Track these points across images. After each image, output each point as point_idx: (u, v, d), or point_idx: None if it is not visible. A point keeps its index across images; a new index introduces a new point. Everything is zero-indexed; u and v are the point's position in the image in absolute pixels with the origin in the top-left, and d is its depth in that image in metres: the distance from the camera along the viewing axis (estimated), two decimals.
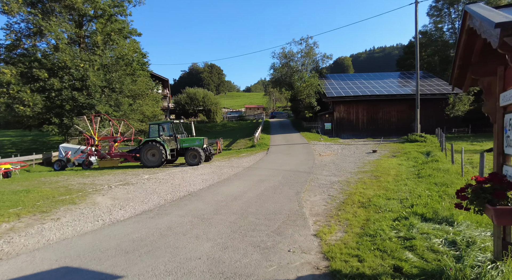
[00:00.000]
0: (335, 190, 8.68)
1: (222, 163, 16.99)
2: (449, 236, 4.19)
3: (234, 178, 11.58)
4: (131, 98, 30.91)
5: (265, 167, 14.48)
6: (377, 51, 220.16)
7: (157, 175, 13.53)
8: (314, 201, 7.40)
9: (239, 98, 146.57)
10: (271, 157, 18.45)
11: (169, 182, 11.61)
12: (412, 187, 8.32)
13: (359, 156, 17.55)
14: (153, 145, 17.09)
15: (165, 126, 17.94)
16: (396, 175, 10.74)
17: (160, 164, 17.08)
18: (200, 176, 12.78)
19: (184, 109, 58.13)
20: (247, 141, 28.95)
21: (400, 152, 18.35)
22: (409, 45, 48.38)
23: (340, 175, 11.45)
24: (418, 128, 24.79)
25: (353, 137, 32.16)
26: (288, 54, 38.64)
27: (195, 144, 17.54)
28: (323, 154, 19.20)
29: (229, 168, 14.72)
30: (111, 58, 27.33)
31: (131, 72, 31.08)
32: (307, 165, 14.63)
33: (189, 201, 7.96)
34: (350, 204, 6.81)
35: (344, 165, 14.21)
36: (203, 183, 10.97)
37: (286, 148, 22.43)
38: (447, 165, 11.96)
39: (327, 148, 22.10)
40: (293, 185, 9.49)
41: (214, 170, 14.51)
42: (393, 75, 40.63)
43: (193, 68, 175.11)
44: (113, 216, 6.95)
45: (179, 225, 5.88)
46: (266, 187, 9.42)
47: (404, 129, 32.52)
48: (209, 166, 16.02)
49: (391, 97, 32.21)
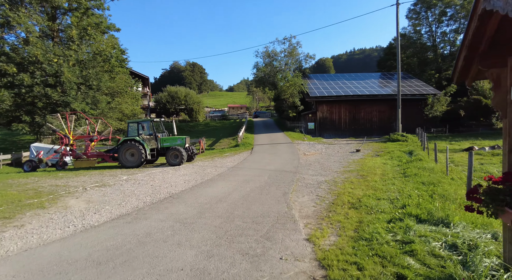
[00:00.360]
0: (323, 190, 8.42)
1: (205, 163, 16.47)
2: (448, 239, 3.97)
3: (218, 179, 11.13)
4: (110, 96, 29.64)
5: (250, 167, 14.10)
6: (357, 53, 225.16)
7: (136, 176, 12.84)
8: (302, 202, 7.09)
9: (221, 98, 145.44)
10: (256, 156, 18.10)
11: (149, 183, 11.00)
12: (401, 187, 8.20)
13: (343, 155, 17.52)
14: (132, 145, 16.32)
15: (144, 124, 17.20)
16: (383, 174, 10.66)
17: (139, 164, 16.33)
18: (182, 176, 12.23)
19: (165, 108, 56.73)
20: (231, 140, 28.47)
21: (383, 151, 18.50)
22: (389, 46, 49.51)
23: (326, 175, 11.25)
24: (399, 128, 25.21)
25: (336, 136, 32.38)
26: (271, 53, 38.44)
27: (176, 143, 16.90)
28: (307, 154, 19.05)
29: (213, 168, 14.23)
30: (88, 54, 26.02)
31: (109, 69, 29.81)
32: (293, 164, 14.38)
33: (170, 204, 7.45)
34: (341, 205, 6.56)
35: (329, 165, 14.07)
36: (185, 184, 10.45)
37: (271, 147, 22.15)
38: (431, 164, 12.05)
39: (311, 148, 22.01)
40: (280, 186, 9.17)
41: (196, 170, 13.97)
42: (374, 76, 41.34)
43: (174, 67, 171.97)
44: (86, 221, 6.34)
45: (159, 230, 5.39)
46: (252, 187, 9.04)
47: (385, 129, 33.11)
48: (191, 166, 15.46)
49: (372, 97, 32.69)
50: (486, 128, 32.61)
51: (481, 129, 32.39)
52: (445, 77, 38.64)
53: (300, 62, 39.33)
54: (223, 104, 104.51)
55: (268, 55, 38.70)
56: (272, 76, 39.00)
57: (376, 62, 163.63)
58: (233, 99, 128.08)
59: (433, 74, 39.04)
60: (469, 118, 33.22)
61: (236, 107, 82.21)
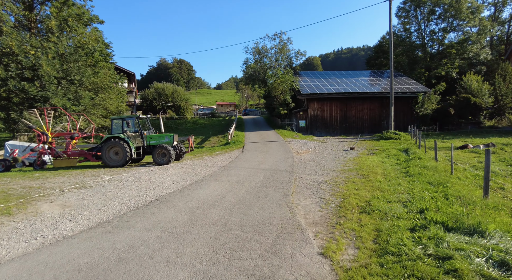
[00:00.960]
0: (325, 191, 7.76)
1: (195, 162, 15.59)
2: (493, 254, 3.34)
3: (210, 179, 10.32)
4: (93, 91, 28.19)
5: (243, 166, 13.33)
6: (344, 52, 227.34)
7: (120, 176, 11.87)
8: (306, 206, 6.39)
9: (210, 95, 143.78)
10: (248, 155, 17.34)
11: (134, 184, 10.08)
12: (408, 187, 7.62)
13: (337, 154, 16.99)
14: (116, 143, 15.27)
15: (129, 121, 16.14)
16: (384, 174, 10.10)
17: (124, 163, 15.32)
18: (170, 177, 11.35)
19: (151, 105, 55.18)
20: (221, 138, 27.60)
21: (378, 150, 18.08)
22: (379, 44, 49.51)
23: (324, 174, 10.61)
24: (392, 126, 24.95)
25: (327, 134, 31.99)
26: (261, 50, 37.64)
27: (164, 141, 15.95)
28: (300, 152, 18.44)
29: (203, 168, 13.39)
30: (69, 47, 24.54)
31: (92, 63, 28.32)
32: (287, 163, 13.71)
33: (157, 209, 6.61)
34: (349, 209, 5.89)
35: (325, 163, 13.47)
36: (173, 185, 9.59)
37: (262, 145, 21.43)
38: (432, 163, 11.60)
39: (304, 146, 21.42)
40: (278, 187, 8.45)
41: (186, 169, 13.10)
42: (364, 73, 41.19)
43: (161, 64, 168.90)
44: (58, 230, 5.45)
45: (144, 243, 4.58)
46: (248, 189, 8.28)
47: (375, 126, 32.94)
48: (180, 166, 14.56)
49: (364, 95, 32.41)
50: (475, 127, 32.88)
51: (470, 127, 32.62)
52: (435, 75, 38.80)
53: (291, 59, 38.72)
54: (212, 101, 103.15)
55: (258, 52, 37.89)
56: (262, 73, 38.24)
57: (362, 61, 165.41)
58: (222, 96, 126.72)
59: (422, 72, 39.15)
60: (458, 116, 33.41)
61: (225, 105, 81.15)
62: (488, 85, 34.33)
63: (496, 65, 39.22)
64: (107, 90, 30.17)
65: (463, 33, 40.06)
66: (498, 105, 35.14)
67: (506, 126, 33.02)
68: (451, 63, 38.43)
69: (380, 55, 47.92)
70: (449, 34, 41.42)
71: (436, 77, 38.77)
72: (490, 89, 34.18)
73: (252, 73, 38.33)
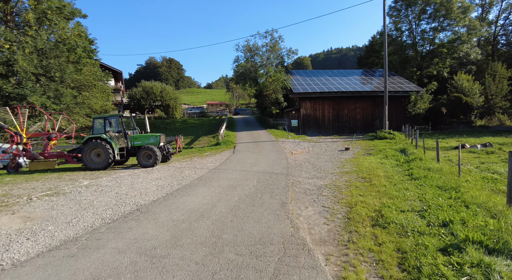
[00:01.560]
0: (327, 198, 6.95)
1: (183, 164, 14.60)
2: None
3: (198, 184, 9.39)
4: (76, 89, 26.76)
5: (234, 168, 12.44)
6: (334, 52, 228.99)
7: (100, 181, 10.82)
8: (309, 217, 5.56)
9: (199, 94, 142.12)
10: (239, 156, 16.45)
11: (114, 190, 9.07)
12: (418, 193, 6.89)
13: (333, 154, 16.28)
14: (98, 143, 14.18)
15: (112, 120, 15.04)
16: (387, 177, 9.38)
17: (106, 165, 14.22)
18: (155, 181, 10.36)
19: (139, 104, 53.52)
20: (211, 138, 26.60)
21: (374, 150, 17.46)
22: (371, 44, 49.25)
23: (323, 177, 9.83)
24: (386, 125, 24.46)
25: (319, 134, 31.40)
26: (252, 48, 36.75)
27: (149, 141, 14.92)
28: (294, 152, 17.67)
29: (192, 170, 12.43)
30: (49, 42, 23.10)
31: (75, 60, 26.89)
32: (281, 165, 12.89)
33: (135, 222, 5.66)
34: (360, 221, 5.09)
35: (322, 165, 12.71)
36: (158, 191, 8.63)
37: (254, 146, 20.57)
38: (434, 164, 10.97)
39: (297, 146, 20.67)
40: (274, 192, 7.60)
41: (173, 173, 12.12)
42: (356, 73, 40.80)
43: (150, 62, 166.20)
44: (9, 254, 4.45)
45: (114, 272, 3.65)
46: (241, 195, 7.41)
47: (368, 126, 32.53)
48: (167, 168, 13.56)
49: (357, 94, 31.92)
50: (466, 126, 32.86)
51: (461, 126, 32.57)
52: (426, 74, 38.70)
53: (283, 57, 37.97)
54: (202, 101, 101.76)
55: (249, 49, 36.99)
56: (253, 72, 37.39)
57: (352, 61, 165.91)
58: (212, 96, 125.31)
59: (414, 71, 39.02)
60: (450, 116, 33.33)
61: (215, 104, 79.96)
62: (478, 85, 34.39)
63: (486, 65, 39.49)
64: (91, 88, 28.74)
65: (454, 33, 40.11)
66: (488, 105, 35.27)
67: (497, 125, 33.12)
68: (442, 63, 38.42)
69: (371, 54, 47.70)
70: (440, 33, 41.47)
71: (428, 76, 38.69)
72: (480, 89, 34.24)
73: (243, 72, 37.44)
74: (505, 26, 52.30)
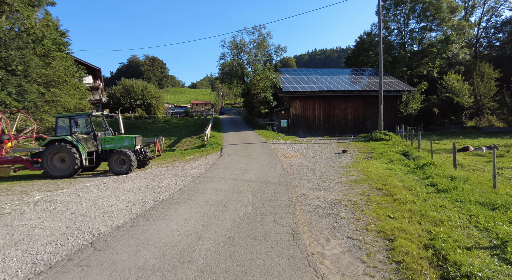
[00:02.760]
0: (348, 222, 5.31)
1: (162, 171, 12.66)
2: None
3: (179, 199, 7.55)
4: (44, 85, 24.11)
5: (223, 176, 10.64)
6: (318, 53, 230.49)
7: (57, 194, 8.77)
8: (338, 261, 3.88)
9: (183, 94, 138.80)
10: (227, 160, 14.65)
11: (71, 208, 7.11)
12: (463, 214, 5.36)
13: (330, 158, 14.78)
14: (62, 147, 12.08)
15: (79, 119, 12.93)
16: (407, 188, 7.86)
17: (72, 173, 12.14)
18: (126, 194, 8.43)
19: (119, 103, 50.54)
20: (195, 140, 24.61)
21: (374, 153, 16.08)
22: (360, 42, 48.20)
23: (330, 189, 8.21)
24: (381, 126, 23.30)
25: (310, 135, 30.01)
26: (239, 44, 34.95)
27: (123, 144, 12.90)
28: (288, 156, 16.05)
29: (172, 179, 10.53)
30: (9, 31, 20.43)
31: (43, 53, 24.27)
32: (277, 171, 11.21)
33: (81, 272, 3.79)
34: (418, 270, 3.45)
35: (323, 171, 11.13)
36: (126, 210, 6.74)
37: (243, 148, 18.80)
38: (454, 171, 9.59)
39: (289, 148, 19.08)
40: (278, 214, 5.89)
41: (149, 182, 10.19)
42: (346, 72, 39.78)
43: (132, 61, 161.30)
44: None
45: None
46: (235, 219, 5.64)
47: (359, 126, 31.43)
48: (143, 176, 11.59)
49: (348, 93, 30.72)
50: (457, 127, 32.35)
51: (453, 127, 32.02)
52: (417, 74, 38.11)
53: (271, 54, 36.33)
54: (186, 100, 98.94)
55: (236, 46, 35.16)
56: (240, 69, 35.61)
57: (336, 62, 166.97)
58: (196, 95, 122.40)
59: (405, 71, 38.32)
60: (441, 116, 32.72)
61: (200, 103, 77.57)
62: (468, 85, 34.01)
63: (473, 65, 39.33)
64: (63, 85, 26.08)
65: (443, 33, 39.72)
66: (477, 105, 34.97)
67: (487, 126, 32.81)
68: (432, 62, 37.91)
69: (361, 53, 46.79)
70: (429, 33, 41.02)
71: (418, 76, 38.10)
72: (470, 89, 33.86)
73: (229, 69, 35.58)
74: (487, 28, 52.92)
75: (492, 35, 53.69)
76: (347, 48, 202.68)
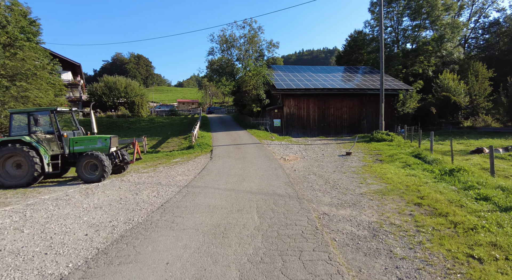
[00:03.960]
0: (415, 267, 3.53)
1: (143, 177, 10.59)
2: None
3: (160, 222, 5.58)
4: (9, 79, 21.44)
5: (216, 185, 8.71)
6: (306, 54, 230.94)
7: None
8: None
9: (170, 93, 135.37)
10: (219, 164, 12.71)
11: (4, 240, 5.03)
12: None
13: (335, 161, 13.09)
14: (17, 149, 9.88)
15: (40, 116, 10.68)
16: (454, 203, 6.16)
17: (30, 181, 9.95)
18: (91, 213, 6.39)
19: (101, 101, 47.59)
20: (182, 140, 22.47)
21: (382, 155, 14.48)
22: (353, 39, 46.81)
23: (357, 204, 6.43)
24: (382, 126, 21.83)
25: (304, 135, 28.40)
26: (229, 38, 32.94)
27: (95, 146, 10.76)
28: (287, 158, 14.26)
29: (153, 189, 8.51)
30: None
31: (8, 42, 21.60)
32: (280, 178, 9.38)
33: None
34: None
35: (334, 178, 9.38)
36: (84, 243, 4.74)
37: (236, 149, 16.89)
38: (493, 178, 8.02)
39: (287, 150, 17.30)
40: (305, 252, 4.04)
41: (124, 193, 8.14)
42: (339, 69, 38.42)
43: (117, 58, 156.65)
44: None
45: None
46: (241, 263, 3.76)
47: (355, 126, 30.07)
48: (118, 184, 9.51)
49: (344, 91, 29.27)
50: (454, 127, 31.46)
51: (450, 127, 31.09)
52: (412, 73, 37.14)
53: (262, 50, 34.54)
54: (172, 99, 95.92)
55: (225, 41, 33.14)
56: (230, 66, 33.62)
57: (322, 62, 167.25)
58: (183, 94, 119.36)
59: (400, 69, 37.29)
60: (438, 116, 31.74)
61: (187, 102, 74.98)
62: (464, 84, 33.23)
63: (467, 65, 38.74)
64: (32, 78, 23.40)
65: (437, 31, 38.91)
66: (472, 105, 34.27)
67: (483, 126, 32.05)
68: (427, 61, 37.02)
69: (354, 51, 45.53)
70: (423, 31, 40.20)
71: (413, 74, 37.14)
72: (465, 88, 33.09)
73: (218, 65, 33.52)
74: (475, 29, 52.91)
75: (480, 36, 53.76)
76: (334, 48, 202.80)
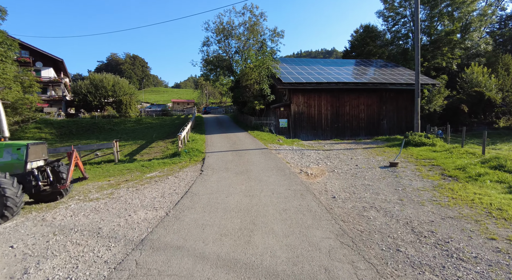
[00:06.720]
0: None
1: (80, 214, 6.14)
2: None
3: None
4: None
5: (201, 242, 4.30)
6: (304, 55, 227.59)
7: None
8: None
9: (166, 94, 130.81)
10: (212, 183, 8.32)
11: None
12: None
13: (383, 177, 8.80)
14: None
15: None
16: None
17: None
18: None
19: (86, 100, 43.07)
20: (168, 144, 18.06)
21: (441, 166, 10.15)
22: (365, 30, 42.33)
23: None
24: (418, 126, 17.51)
25: (315, 137, 24.12)
26: (226, 26, 28.56)
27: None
28: (310, 173, 9.94)
29: (77, 251, 4.08)
30: None
31: None
32: (318, 220, 5.00)
33: None
34: None
35: (417, 218, 5.03)
36: None
37: (236, 158, 12.49)
38: None
39: (303, 158, 12.97)
40: None
41: (15, 261, 3.70)
42: (351, 62, 34.15)
43: (112, 59, 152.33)
44: None
45: None
46: None
47: (373, 127, 25.72)
48: (22, 234, 5.07)
49: (362, 85, 24.97)
50: (489, 127, 27.21)
51: (484, 128, 26.79)
52: (434, 66, 32.87)
53: (265, 40, 30.11)
54: (167, 99, 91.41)
55: (222, 29, 28.76)
56: (228, 58, 29.23)
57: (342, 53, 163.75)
58: (179, 95, 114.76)
59: (421, 62, 33.01)
60: (469, 115, 27.48)
61: (182, 102, 70.51)
62: (495, 79, 29.07)
63: (495, 57, 34.58)
64: None
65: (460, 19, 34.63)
66: (505, 102, 30.08)
67: None
68: (451, 52, 32.73)
69: (365, 43, 41.03)
70: (443, 21, 35.92)
71: (435, 68, 32.87)
72: (498, 83, 28.92)
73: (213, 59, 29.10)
74: None
75: (497, 30, 49.74)
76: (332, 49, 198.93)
